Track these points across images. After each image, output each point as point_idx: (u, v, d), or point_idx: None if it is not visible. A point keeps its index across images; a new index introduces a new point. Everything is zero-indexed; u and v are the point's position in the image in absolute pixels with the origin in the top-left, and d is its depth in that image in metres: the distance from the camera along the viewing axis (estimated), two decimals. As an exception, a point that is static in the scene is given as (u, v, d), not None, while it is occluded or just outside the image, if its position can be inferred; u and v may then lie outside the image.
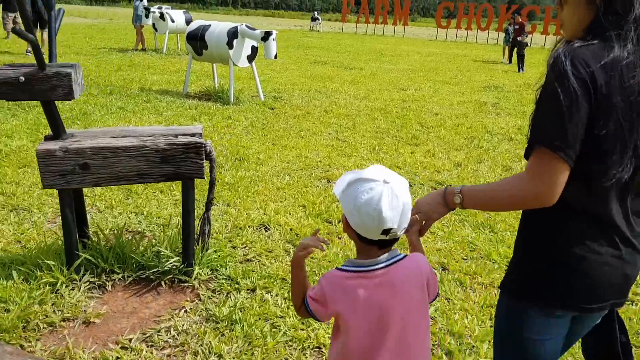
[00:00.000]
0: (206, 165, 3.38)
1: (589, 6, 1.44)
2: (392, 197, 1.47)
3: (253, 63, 9.89)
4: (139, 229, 4.05)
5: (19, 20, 15.15)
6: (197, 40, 9.76)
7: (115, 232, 3.60)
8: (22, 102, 4.86)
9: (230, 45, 9.34)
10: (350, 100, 10.58)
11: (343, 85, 12.61)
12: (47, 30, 14.38)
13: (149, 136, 3.24)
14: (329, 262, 3.67)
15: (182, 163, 3.19)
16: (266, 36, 9.18)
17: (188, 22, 17.59)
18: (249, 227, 4.24)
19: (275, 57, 9.37)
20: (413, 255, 1.67)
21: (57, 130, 3.13)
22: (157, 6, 22.71)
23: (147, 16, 16.87)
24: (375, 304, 1.55)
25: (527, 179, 1.45)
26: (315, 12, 46.04)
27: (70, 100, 2.95)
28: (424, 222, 1.76)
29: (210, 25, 9.76)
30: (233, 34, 9.34)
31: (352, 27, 44.23)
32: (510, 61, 20.69)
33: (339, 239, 4.13)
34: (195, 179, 3.28)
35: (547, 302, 1.56)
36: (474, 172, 6.14)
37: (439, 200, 1.70)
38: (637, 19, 1.39)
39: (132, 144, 3.10)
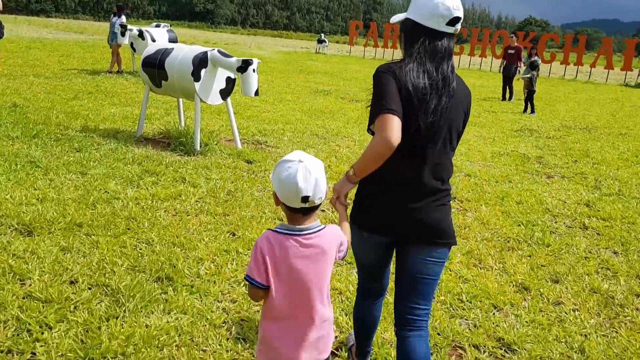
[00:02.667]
0: None
1: (401, 47, 2.37)
2: (306, 172, 1.87)
3: (229, 100, 7.55)
4: None
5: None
6: (154, 68, 7.43)
7: None
8: None
9: (196, 76, 7.01)
10: (355, 149, 8.19)
11: (347, 124, 10.24)
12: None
13: None
14: None
15: None
16: (244, 66, 6.85)
17: (173, 42, 15.39)
18: None
19: (257, 93, 7.03)
20: (332, 226, 2.07)
21: None
22: (154, 24, 20.71)
23: (123, 34, 14.63)
24: (305, 263, 1.94)
25: (376, 134, 2.10)
26: (322, 35, 43.98)
27: None
28: (339, 196, 2.34)
29: (172, 50, 7.44)
30: (200, 62, 7.02)
31: (360, 51, 42.14)
32: (510, 97, 16.84)
33: None
34: None
35: (353, 221, 2.40)
36: (556, 311, 3.72)
37: (344, 178, 2.30)
38: (415, 54, 2.23)
39: None
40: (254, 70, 6.91)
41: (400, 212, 2.27)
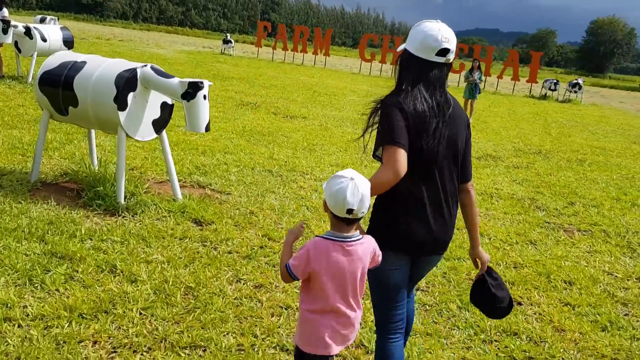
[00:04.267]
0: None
1: (396, 78, 2.53)
2: (354, 189, 2.16)
3: (164, 133, 5.58)
4: None
5: None
6: (58, 88, 5.30)
7: None
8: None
9: (121, 103, 5.00)
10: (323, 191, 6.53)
11: (296, 152, 8.51)
12: None
13: None
14: None
15: None
16: (192, 91, 4.95)
17: (68, 42, 12.80)
18: None
19: (207, 128, 5.15)
20: (368, 237, 2.37)
21: None
22: (39, 16, 17.68)
23: (5, 32, 11.83)
24: (344, 266, 2.24)
25: (383, 166, 2.31)
26: (228, 35, 41.64)
27: None
28: None
29: (84, 64, 5.34)
30: (127, 84, 5.01)
31: (266, 53, 40.30)
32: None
33: None
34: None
35: (386, 246, 2.45)
36: None
37: None
38: (411, 82, 2.42)
39: None
40: (204, 97, 5.03)
41: (427, 231, 2.47)
